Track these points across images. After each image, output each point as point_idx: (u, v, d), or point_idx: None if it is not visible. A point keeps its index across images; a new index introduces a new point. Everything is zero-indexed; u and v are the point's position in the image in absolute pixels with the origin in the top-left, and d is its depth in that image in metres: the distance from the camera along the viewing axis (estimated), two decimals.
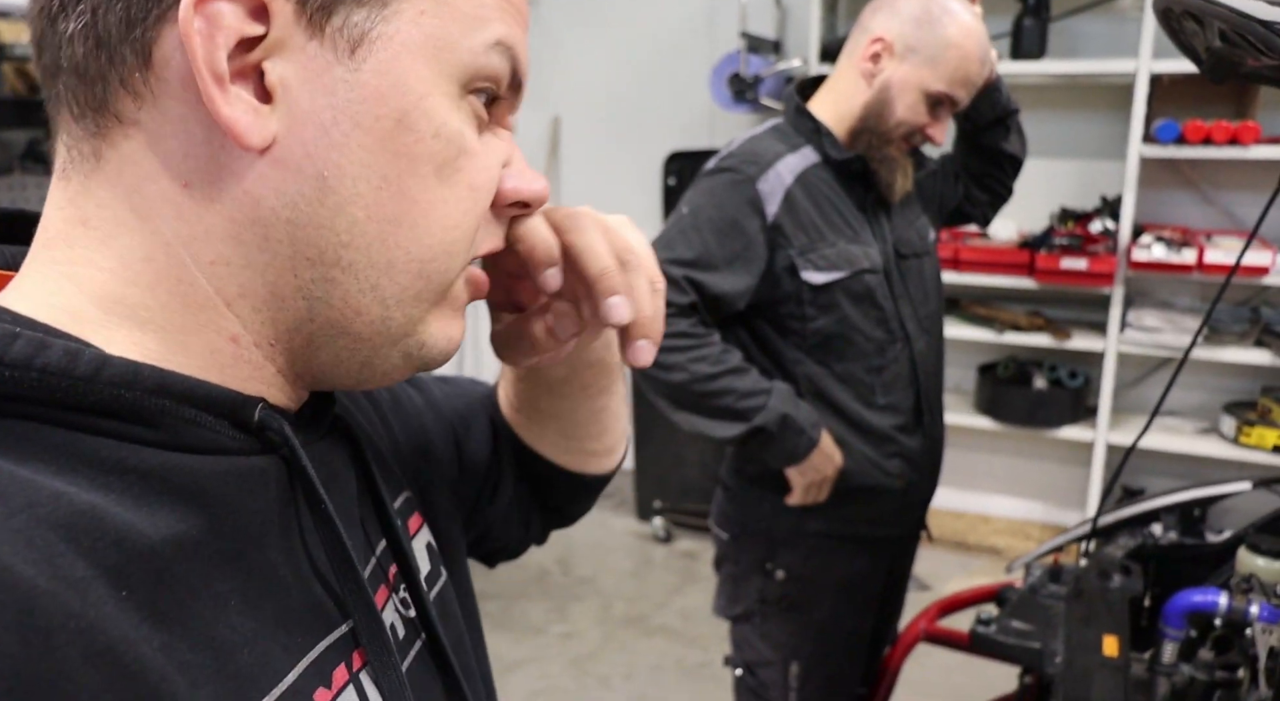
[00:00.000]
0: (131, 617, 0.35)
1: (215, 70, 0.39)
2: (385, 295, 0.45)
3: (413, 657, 0.53)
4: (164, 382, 0.40)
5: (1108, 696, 1.19)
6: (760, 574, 1.68)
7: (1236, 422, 3.15)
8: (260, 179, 0.41)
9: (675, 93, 3.81)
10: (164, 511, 0.39)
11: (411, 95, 0.43)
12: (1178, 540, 1.58)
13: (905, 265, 1.67)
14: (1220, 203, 3.25)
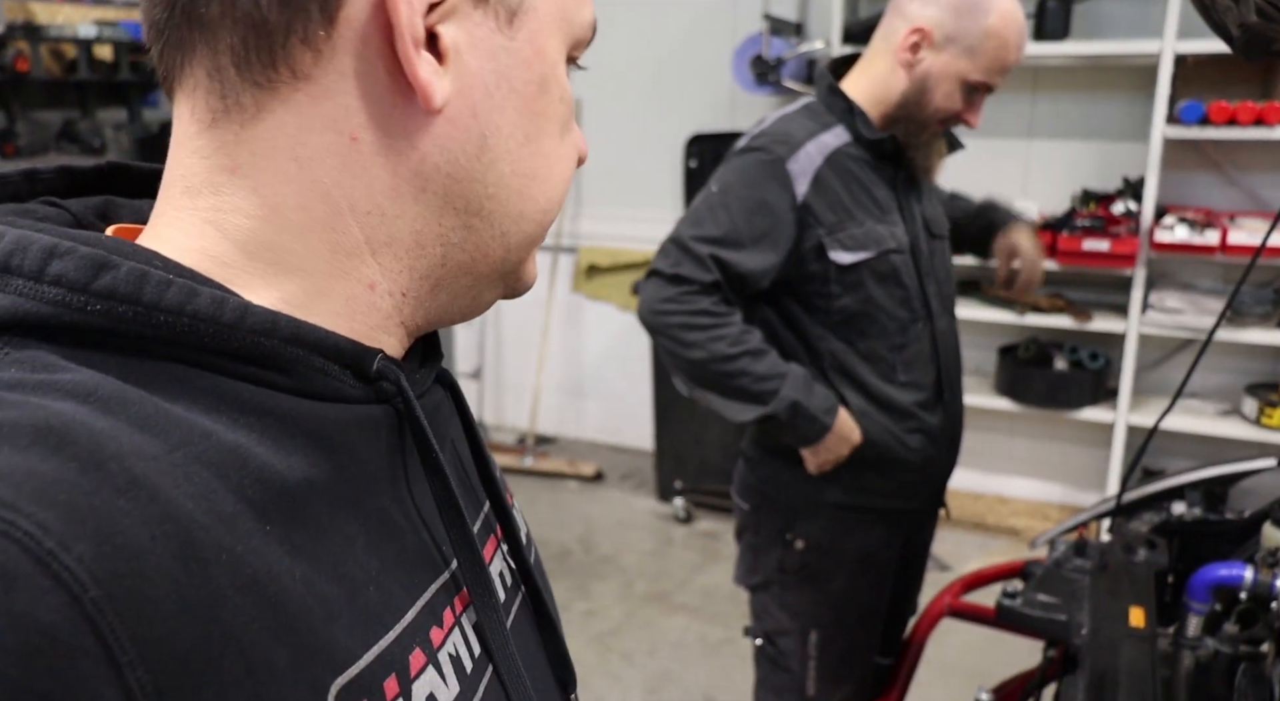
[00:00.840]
0: (274, 551, 0.38)
1: (415, 34, 0.42)
2: (511, 241, 0.49)
3: (516, 608, 0.56)
4: (298, 332, 0.42)
5: (1135, 666, 1.22)
6: (780, 543, 1.71)
7: (1258, 404, 3.15)
8: (429, 136, 0.44)
9: (697, 75, 3.82)
10: (297, 455, 0.41)
11: (549, 62, 0.47)
12: (1202, 516, 1.60)
13: (935, 244, 1.69)
14: (1244, 184, 3.24)
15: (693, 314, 1.54)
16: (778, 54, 3.39)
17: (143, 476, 0.34)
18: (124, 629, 0.31)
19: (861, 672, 1.78)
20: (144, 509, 0.34)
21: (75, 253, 0.39)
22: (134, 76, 2.69)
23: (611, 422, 4.42)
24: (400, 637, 0.43)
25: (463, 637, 0.48)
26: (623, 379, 4.30)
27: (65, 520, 0.31)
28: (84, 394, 0.36)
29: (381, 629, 0.42)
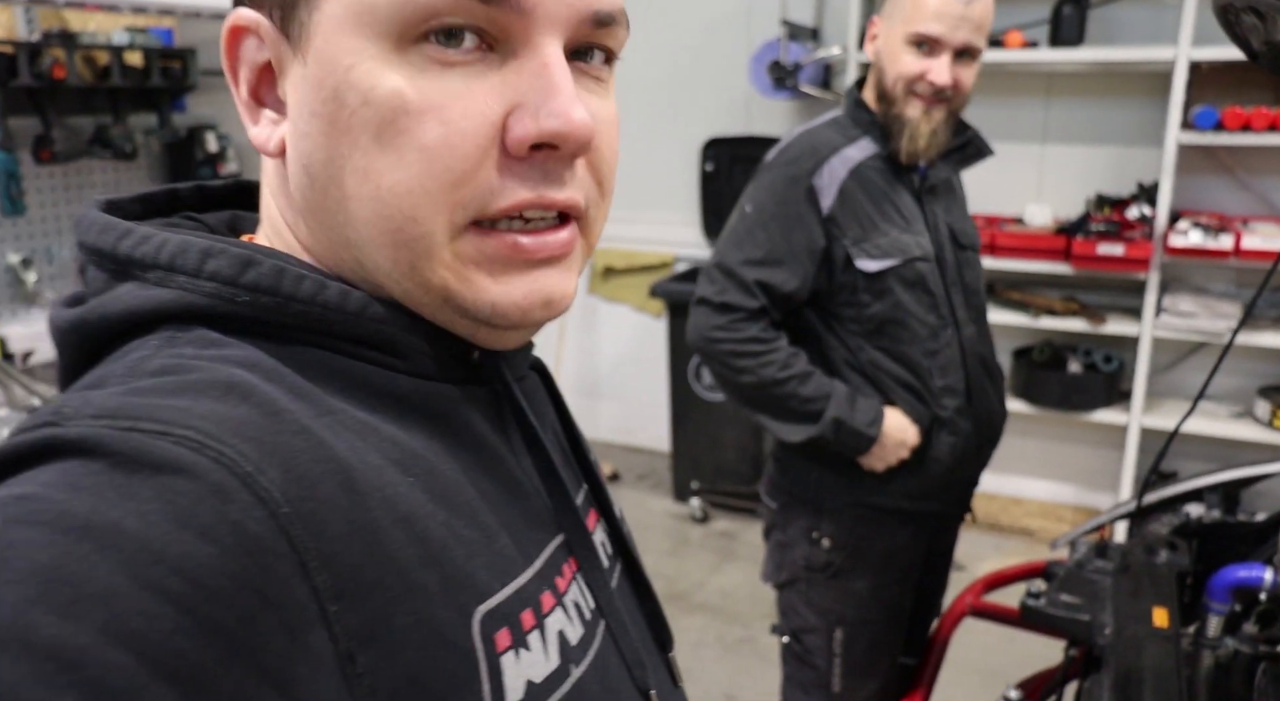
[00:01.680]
0: (419, 497, 0.44)
1: (244, 101, 0.49)
2: (385, 268, 0.47)
3: (617, 576, 0.61)
4: (410, 323, 0.48)
5: (1160, 665, 1.25)
6: (806, 541, 1.75)
7: (1271, 406, 3.18)
8: (288, 176, 0.50)
9: (713, 79, 3.85)
10: (418, 429, 0.47)
11: (339, 69, 0.44)
12: (1221, 518, 1.63)
13: (963, 255, 1.73)
14: (1257, 188, 3.27)
15: (742, 341, 1.61)
16: (795, 59, 3.42)
17: (308, 426, 0.41)
18: (309, 539, 0.38)
19: (886, 671, 1.82)
20: (314, 449, 0.40)
21: (227, 253, 0.45)
22: (164, 82, 2.73)
23: (627, 423, 4.45)
24: (533, 579, 0.49)
25: (579, 591, 0.54)
26: (638, 380, 4.34)
27: (258, 451, 0.38)
28: (249, 364, 0.43)
29: (515, 570, 0.48)
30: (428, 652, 0.41)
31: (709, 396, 3.71)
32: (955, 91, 1.60)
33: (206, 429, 0.38)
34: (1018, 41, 3.19)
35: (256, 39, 0.47)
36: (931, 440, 1.69)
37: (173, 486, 0.36)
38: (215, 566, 0.35)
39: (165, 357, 0.42)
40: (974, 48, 1.59)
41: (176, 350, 0.43)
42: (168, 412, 0.38)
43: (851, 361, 1.67)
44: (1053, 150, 3.50)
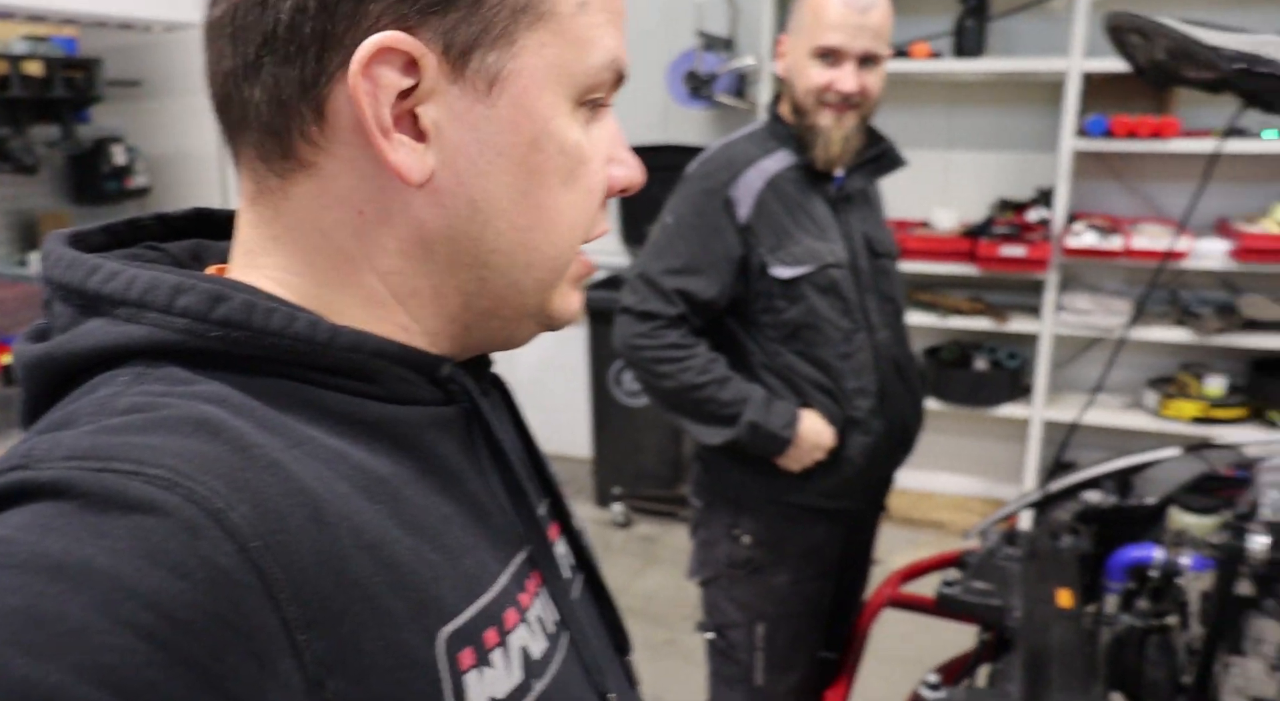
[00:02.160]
0: (386, 523, 0.46)
1: (382, 124, 0.47)
2: (524, 287, 0.53)
3: (579, 589, 0.63)
4: (381, 347, 0.49)
5: (1065, 643, 1.33)
6: (728, 539, 1.80)
7: (1159, 396, 3.37)
8: (422, 206, 0.50)
9: (630, 88, 3.88)
10: (385, 455, 0.48)
11: (540, 120, 0.50)
12: (1116, 503, 1.73)
13: (878, 263, 1.79)
14: (1144, 192, 3.46)
15: (663, 348, 1.67)
16: (711, 69, 3.48)
17: (278, 460, 0.42)
18: (279, 572, 0.39)
19: (807, 664, 1.87)
20: (283, 482, 0.42)
21: (197, 288, 0.46)
22: (67, 93, 2.64)
23: (548, 431, 4.45)
24: (496, 598, 0.51)
25: (543, 605, 0.56)
26: (558, 387, 4.35)
27: (229, 487, 0.40)
28: (219, 399, 0.44)
29: (480, 589, 0.50)
30: (394, 676, 0.43)
31: (629, 402, 3.74)
32: (863, 97, 1.67)
33: (178, 467, 0.39)
34: (923, 52, 3.32)
35: (404, 64, 0.46)
36: (845, 440, 1.75)
37: (144, 524, 0.37)
38: (186, 600, 0.36)
39: (135, 395, 0.43)
40: (876, 54, 1.66)
41: (146, 387, 0.44)
42: (139, 451, 0.39)
43: (769, 365, 1.73)
44: (957, 156, 3.64)
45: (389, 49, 0.45)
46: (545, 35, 0.49)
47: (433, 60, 0.47)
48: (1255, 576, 1.22)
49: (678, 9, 3.74)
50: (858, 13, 1.62)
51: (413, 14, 0.46)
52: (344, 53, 0.46)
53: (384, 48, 0.45)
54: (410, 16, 0.46)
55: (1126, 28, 1.15)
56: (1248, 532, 1.19)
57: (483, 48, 0.47)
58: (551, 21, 0.49)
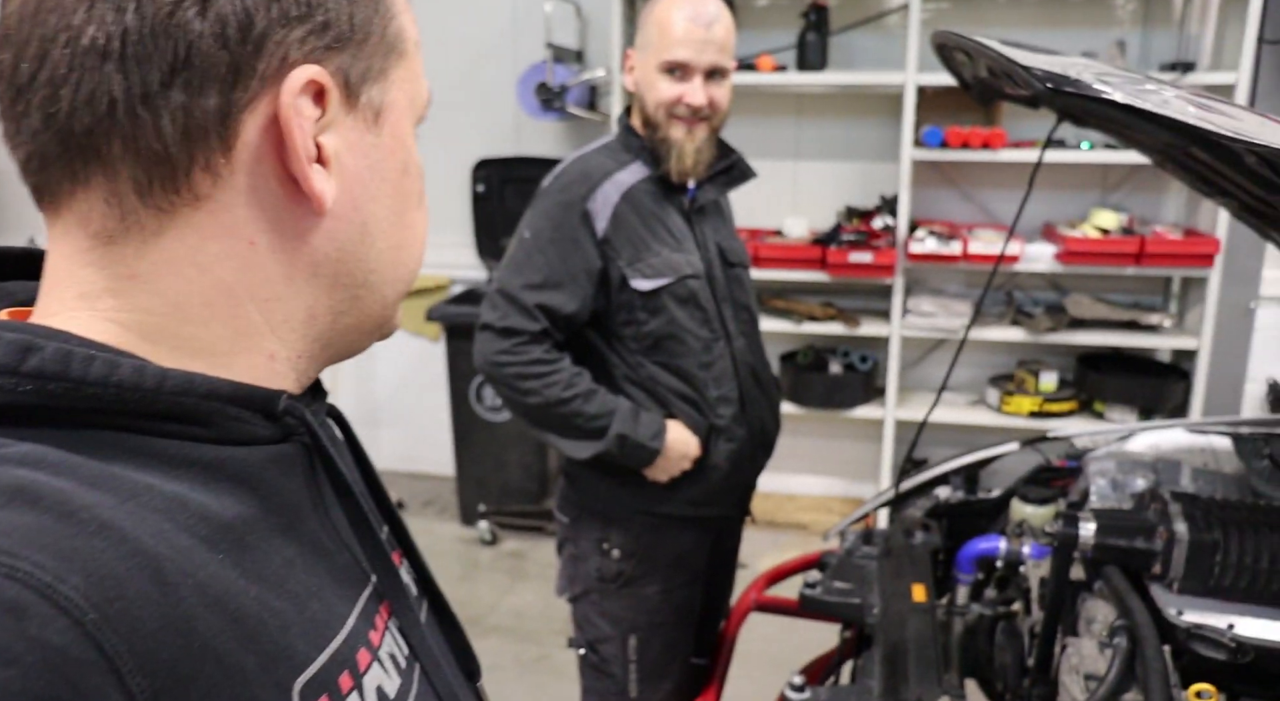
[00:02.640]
0: (230, 574, 0.43)
1: (309, 152, 0.48)
2: (389, 301, 0.57)
3: (424, 614, 0.62)
4: (213, 388, 0.47)
5: (920, 636, 1.37)
6: (597, 553, 1.79)
7: (1000, 393, 3.55)
8: (320, 232, 0.51)
9: (482, 101, 3.85)
10: (227, 496, 0.46)
11: (407, 147, 0.55)
12: (964, 498, 1.81)
13: (732, 272, 1.82)
14: (978, 199, 3.65)
15: (527, 364, 1.64)
16: (562, 81, 3.48)
17: (109, 521, 0.39)
18: (121, 643, 0.36)
19: (680, 672, 1.88)
20: (116, 546, 0.38)
21: (1, 339, 0.42)
22: None
23: (409, 450, 4.35)
24: (347, 640, 0.49)
25: (393, 639, 0.54)
26: (419, 405, 4.25)
27: (56, 559, 0.37)
28: (34, 462, 0.40)
29: (330, 633, 0.48)
30: None
31: (491, 417, 3.69)
32: (712, 110, 1.70)
33: None
34: (768, 65, 3.41)
35: (315, 95, 0.48)
36: (710, 448, 1.77)
37: None
38: (18, 689, 0.33)
39: None
40: (722, 68, 1.69)
41: None
42: None
43: (632, 377, 1.73)
44: (805, 166, 3.75)
45: (311, 82, 0.48)
46: (403, 71, 0.54)
47: (336, 93, 0.49)
48: (1085, 561, 1.29)
49: (527, 21, 3.72)
50: (703, 28, 1.65)
51: (320, 49, 0.48)
52: (257, 83, 0.46)
53: (310, 80, 0.47)
54: (319, 51, 0.48)
55: (951, 46, 1.21)
56: (1078, 521, 1.26)
57: (369, 82, 0.51)
58: (405, 59, 0.54)
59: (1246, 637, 1.12)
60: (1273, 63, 3.20)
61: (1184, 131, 0.91)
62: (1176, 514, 1.22)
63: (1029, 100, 1.12)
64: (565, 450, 1.72)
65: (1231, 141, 0.87)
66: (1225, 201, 1.46)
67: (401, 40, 0.53)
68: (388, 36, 0.52)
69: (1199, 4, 3.35)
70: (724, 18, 1.68)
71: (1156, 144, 1.20)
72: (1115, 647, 1.12)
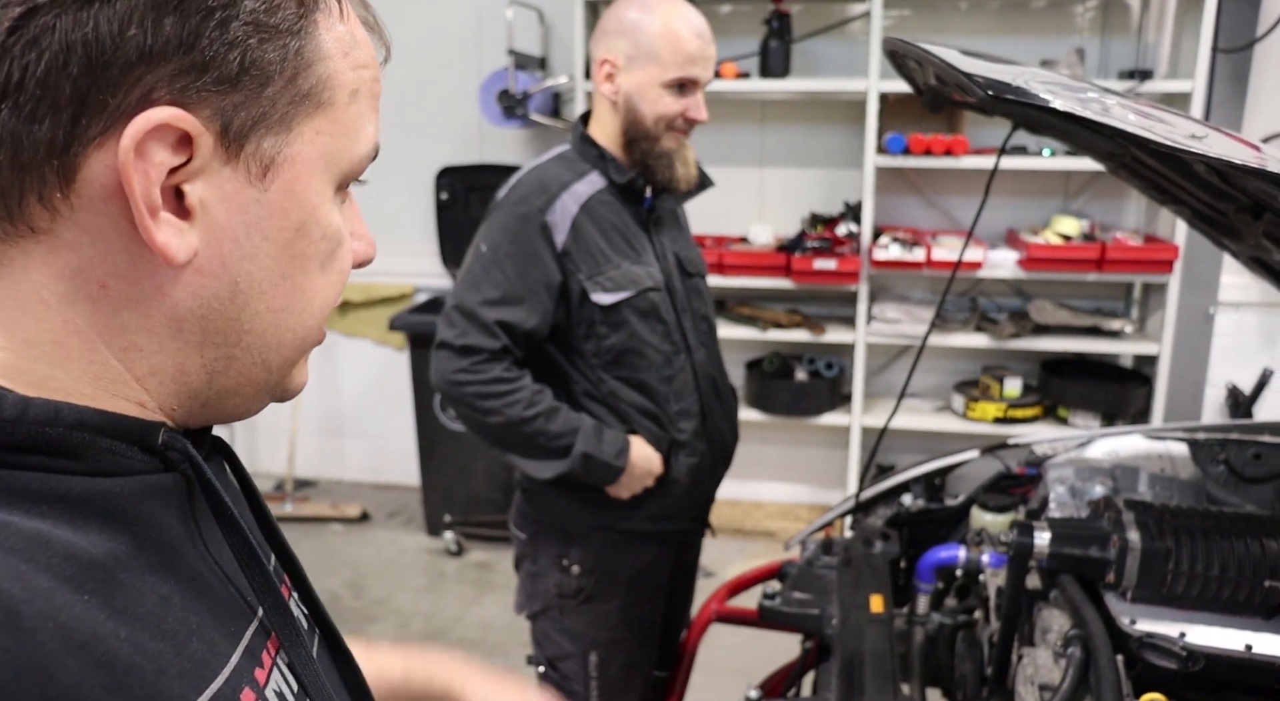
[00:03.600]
0: (97, 616, 0.40)
1: (150, 203, 0.43)
2: (271, 365, 0.52)
3: (316, 648, 0.59)
4: (81, 417, 0.44)
5: (876, 647, 1.36)
6: (557, 569, 1.76)
7: (965, 399, 3.56)
8: (180, 285, 0.46)
9: (444, 108, 3.82)
10: (95, 532, 0.43)
11: (308, 207, 0.50)
12: (924, 506, 1.80)
13: (690, 283, 1.80)
14: (941, 206, 3.67)
15: (487, 383, 1.60)
16: (524, 88, 3.46)
17: None
18: None
19: (642, 686, 1.86)
20: None
21: None
22: None
23: (375, 461, 4.30)
24: (230, 679, 0.46)
25: (281, 675, 0.51)
26: (384, 415, 4.20)
27: None
28: None
29: (210, 674, 0.45)
30: None
31: (456, 427, 3.65)
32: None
33: None
34: (731, 72, 3.40)
35: (177, 140, 0.43)
36: (671, 462, 1.75)
37: None
38: None
39: None
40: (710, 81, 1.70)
41: None
42: None
43: (593, 393, 1.71)
44: (770, 173, 3.75)
45: (166, 126, 0.43)
46: (321, 123, 0.49)
47: (209, 140, 0.45)
48: (1041, 570, 1.28)
49: (488, 27, 3.70)
50: (708, 43, 1.66)
51: (194, 89, 0.44)
52: (108, 119, 0.42)
53: (163, 124, 0.42)
54: (190, 91, 0.44)
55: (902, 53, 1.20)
56: (1033, 530, 1.25)
57: (260, 131, 0.46)
58: (329, 110, 0.49)
59: (1197, 646, 1.11)
60: (1227, 71, 3.25)
61: (1122, 138, 0.91)
62: (1130, 522, 1.22)
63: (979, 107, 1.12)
64: (528, 470, 1.70)
65: (1168, 150, 0.87)
66: (1179, 209, 1.46)
67: (323, 89, 0.48)
68: (298, 84, 0.47)
69: (1156, 13, 3.39)
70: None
71: (1104, 151, 1.20)
72: (1069, 657, 1.11)
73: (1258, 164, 0.85)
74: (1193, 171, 1.13)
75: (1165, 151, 0.88)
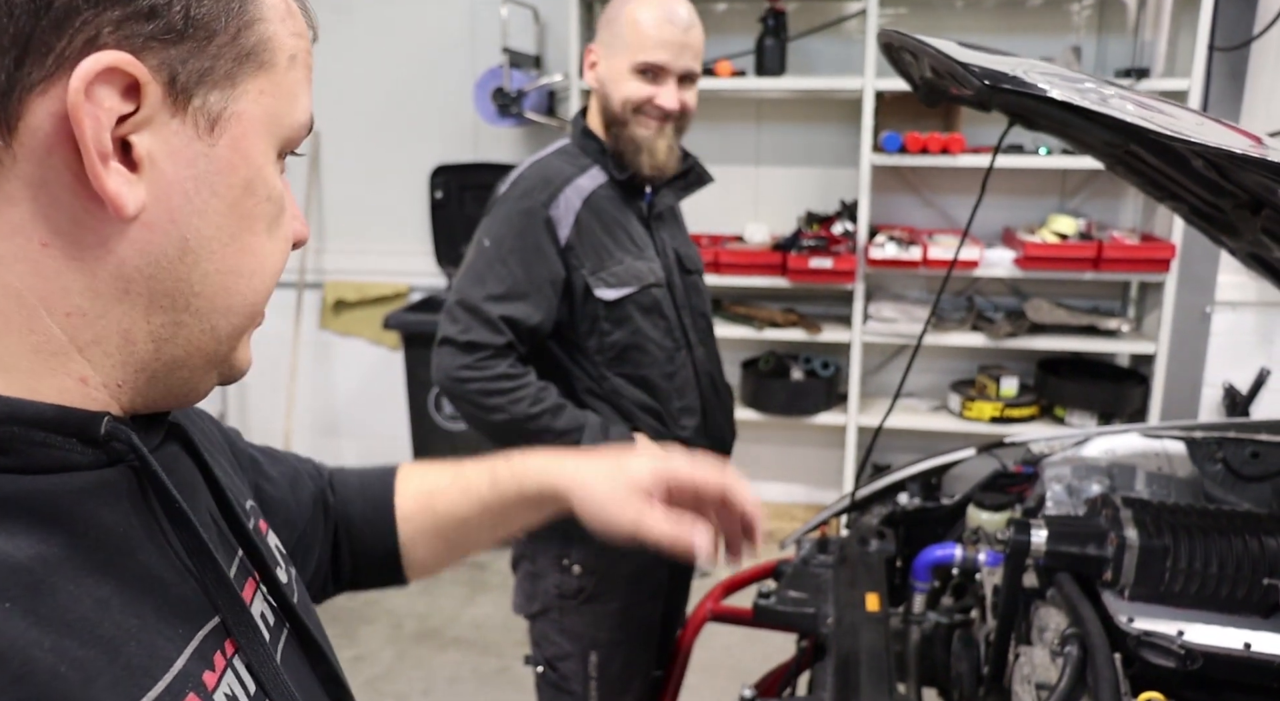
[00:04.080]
0: (17, 625, 0.38)
1: (101, 148, 0.42)
2: (220, 333, 0.51)
3: (284, 644, 0.57)
4: (12, 410, 0.42)
5: (873, 647, 1.35)
6: (557, 570, 1.74)
7: (961, 399, 3.56)
8: (126, 241, 0.44)
9: (439, 106, 3.80)
10: (23, 535, 0.41)
11: (254, 165, 0.49)
12: (920, 505, 1.79)
13: (689, 280, 1.79)
14: (937, 204, 3.66)
15: (491, 379, 1.58)
16: (519, 86, 3.45)
17: None
18: None
19: (640, 687, 1.84)
20: None
21: None
22: None
23: (369, 460, 4.23)
24: (171, 686, 0.44)
25: (236, 677, 0.49)
26: (378, 415, 4.19)
27: None
28: None
29: (149, 681, 0.43)
30: None
31: (450, 426, 3.64)
32: (682, 113, 1.67)
33: None
34: (727, 71, 3.39)
35: (125, 87, 0.42)
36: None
37: None
38: None
39: None
40: (694, 73, 1.67)
41: None
42: None
43: (595, 390, 1.69)
44: (766, 172, 3.74)
45: (115, 69, 0.41)
46: (264, 83, 0.49)
47: (156, 89, 0.44)
48: (1038, 568, 1.27)
49: (482, 25, 3.68)
50: (681, 31, 1.62)
51: (140, 37, 0.42)
52: (53, 63, 0.40)
53: (111, 67, 0.41)
54: (136, 39, 0.42)
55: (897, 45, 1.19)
56: (1030, 527, 1.24)
57: (206, 86, 0.46)
58: (270, 72, 0.49)
59: (1195, 644, 1.10)
60: (1223, 69, 3.24)
61: (1121, 129, 0.89)
62: (1127, 519, 1.20)
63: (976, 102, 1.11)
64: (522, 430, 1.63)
65: (1168, 140, 0.86)
66: (1177, 206, 1.45)
67: (264, 50, 0.48)
68: (241, 41, 0.47)
69: (1152, 12, 3.38)
70: (697, 22, 1.66)
71: (1101, 145, 1.18)
72: (1066, 656, 1.10)
73: (1258, 154, 0.83)
74: (1190, 166, 1.12)
75: (1164, 142, 0.87)
